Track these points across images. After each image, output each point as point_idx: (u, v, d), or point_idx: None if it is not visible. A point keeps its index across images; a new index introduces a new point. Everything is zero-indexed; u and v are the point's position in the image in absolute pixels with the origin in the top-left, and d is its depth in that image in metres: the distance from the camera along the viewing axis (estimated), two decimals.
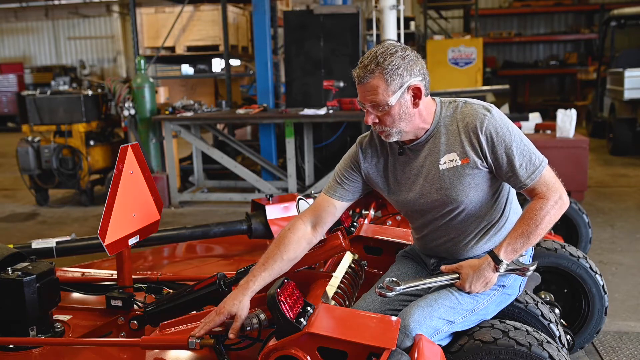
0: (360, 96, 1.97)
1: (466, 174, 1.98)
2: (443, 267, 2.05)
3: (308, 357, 1.69)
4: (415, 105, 1.96)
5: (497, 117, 1.95)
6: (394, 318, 1.81)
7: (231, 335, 1.87)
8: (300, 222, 2.10)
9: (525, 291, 2.28)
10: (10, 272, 2.19)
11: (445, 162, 1.99)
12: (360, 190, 2.18)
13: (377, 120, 1.98)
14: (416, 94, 1.95)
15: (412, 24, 12.84)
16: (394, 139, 2.01)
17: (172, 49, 8.17)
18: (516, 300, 2.19)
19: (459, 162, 1.97)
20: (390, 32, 7.30)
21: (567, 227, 3.85)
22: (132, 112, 7.00)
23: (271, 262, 2.00)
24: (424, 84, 1.95)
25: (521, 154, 1.93)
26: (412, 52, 1.95)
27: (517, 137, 1.94)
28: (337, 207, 2.14)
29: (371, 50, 1.96)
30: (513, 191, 2.14)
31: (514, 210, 2.13)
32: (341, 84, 6.61)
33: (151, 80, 7.20)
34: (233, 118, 7.15)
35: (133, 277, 2.58)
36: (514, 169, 1.93)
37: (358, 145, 2.17)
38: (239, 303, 1.90)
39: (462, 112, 2.00)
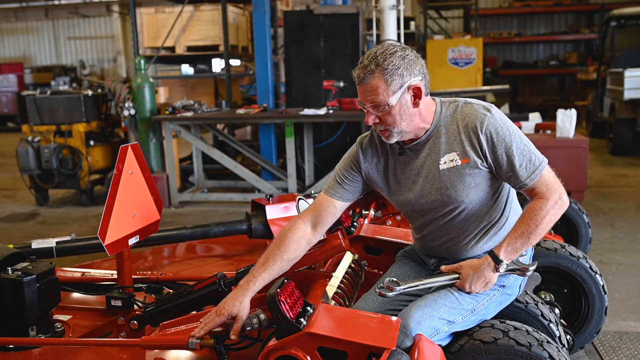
0: (361, 97, 1.97)
1: (466, 174, 1.98)
2: (443, 267, 2.05)
3: (308, 357, 1.69)
4: (416, 105, 1.96)
5: (497, 117, 1.96)
6: (394, 318, 1.81)
7: (232, 337, 1.87)
8: (300, 222, 2.10)
9: (525, 291, 2.28)
10: (10, 272, 2.19)
11: (445, 162, 1.99)
12: (360, 190, 2.18)
13: (377, 121, 1.98)
14: (416, 94, 1.95)
15: (412, 24, 12.84)
16: (395, 140, 2.01)
17: (172, 49, 8.17)
18: (516, 300, 2.19)
19: (459, 162, 1.97)
20: (390, 32, 7.30)
21: (567, 227, 3.85)
22: (132, 112, 7.00)
23: (271, 263, 2.00)
24: (424, 83, 1.95)
25: (521, 153, 1.93)
26: (412, 51, 1.95)
27: (517, 137, 1.94)
28: (337, 207, 2.14)
29: (371, 50, 1.96)
30: (513, 191, 2.14)
31: (514, 210, 2.13)
32: (341, 84, 6.62)
33: (151, 80, 7.20)
34: (233, 118, 7.15)
35: (133, 277, 2.58)
36: (514, 169, 1.93)
37: (358, 145, 2.17)
38: (240, 304, 1.90)
39: (462, 112, 2.00)
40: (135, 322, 2.31)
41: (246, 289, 1.94)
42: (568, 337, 2.49)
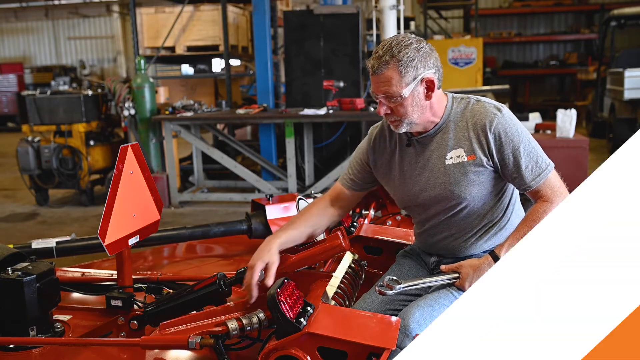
0: (374, 87, 1.97)
1: (471, 171, 1.98)
2: (443, 267, 2.05)
3: (308, 357, 1.69)
4: (428, 97, 1.97)
5: (507, 118, 1.96)
6: (394, 318, 1.81)
7: (268, 281, 1.91)
8: (322, 200, 2.18)
9: None
10: (10, 272, 2.18)
11: (451, 157, 2.00)
12: (373, 180, 2.22)
13: (389, 112, 1.98)
14: (429, 87, 1.95)
15: (412, 24, 12.83)
16: (404, 129, 2.02)
17: (172, 49, 8.18)
18: None
19: (465, 158, 1.98)
20: (390, 32, 7.30)
21: None
22: (132, 112, 7.01)
23: (297, 224, 2.08)
24: (437, 76, 1.96)
25: (528, 155, 1.93)
26: (427, 44, 1.96)
27: (525, 138, 1.95)
28: (351, 196, 2.21)
29: (386, 40, 1.96)
30: (517, 193, 2.14)
31: (517, 212, 2.14)
32: (341, 84, 6.61)
33: (151, 80, 7.21)
34: (233, 118, 7.15)
35: (133, 277, 2.58)
36: (519, 170, 1.93)
37: (369, 136, 2.22)
38: (269, 251, 1.95)
39: (472, 109, 2.01)
40: (135, 322, 2.30)
41: (275, 237, 2.00)
42: None
